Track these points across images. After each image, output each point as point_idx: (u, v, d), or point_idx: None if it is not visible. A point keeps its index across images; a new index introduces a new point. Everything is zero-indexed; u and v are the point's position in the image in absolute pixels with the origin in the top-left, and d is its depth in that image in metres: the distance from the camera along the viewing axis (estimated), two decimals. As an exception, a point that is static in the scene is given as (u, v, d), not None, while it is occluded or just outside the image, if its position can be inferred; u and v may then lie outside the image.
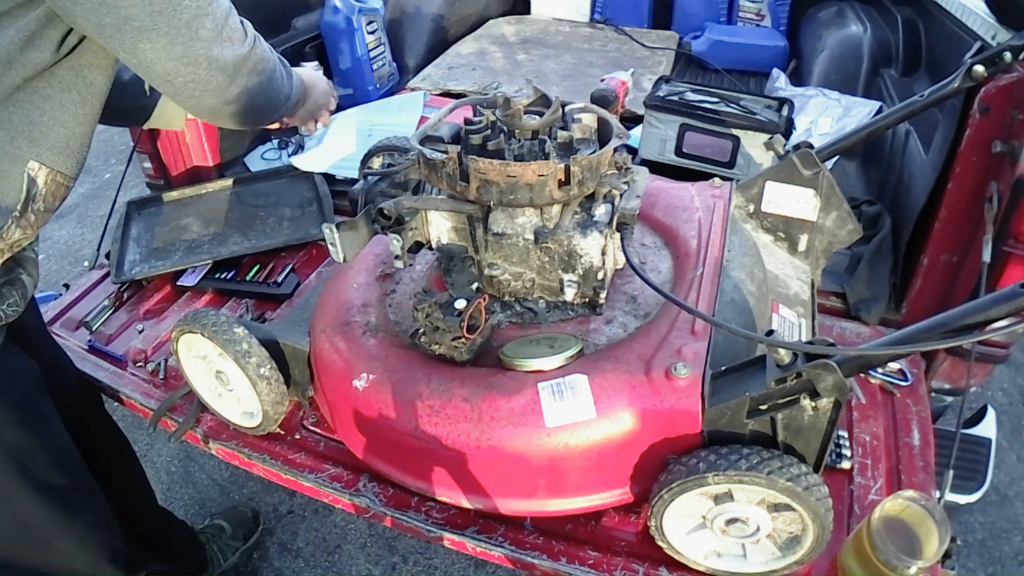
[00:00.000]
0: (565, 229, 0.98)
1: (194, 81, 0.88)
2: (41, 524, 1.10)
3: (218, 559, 1.56)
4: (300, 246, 1.65)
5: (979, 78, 1.18)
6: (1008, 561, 1.65)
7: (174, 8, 0.82)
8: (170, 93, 0.91)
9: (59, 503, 1.10)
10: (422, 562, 1.65)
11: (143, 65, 0.86)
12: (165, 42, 0.83)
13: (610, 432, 0.92)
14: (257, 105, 0.99)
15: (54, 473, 1.10)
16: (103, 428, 1.37)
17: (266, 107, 1.02)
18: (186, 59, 0.86)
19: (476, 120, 1.01)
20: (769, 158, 1.43)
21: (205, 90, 0.90)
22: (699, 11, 2.90)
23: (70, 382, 1.30)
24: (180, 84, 0.88)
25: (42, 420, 1.09)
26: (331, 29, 2.21)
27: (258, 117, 1.03)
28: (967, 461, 1.34)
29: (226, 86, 0.91)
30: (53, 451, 1.10)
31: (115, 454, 1.39)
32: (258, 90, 0.97)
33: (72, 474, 1.14)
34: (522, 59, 2.60)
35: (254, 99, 0.97)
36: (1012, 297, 0.72)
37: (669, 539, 0.96)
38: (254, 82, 0.95)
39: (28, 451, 1.05)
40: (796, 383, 0.83)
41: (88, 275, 1.63)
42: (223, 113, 0.96)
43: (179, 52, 0.85)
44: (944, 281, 1.36)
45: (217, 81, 0.90)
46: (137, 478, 1.44)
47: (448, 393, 0.96)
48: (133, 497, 1.40)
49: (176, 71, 0.86)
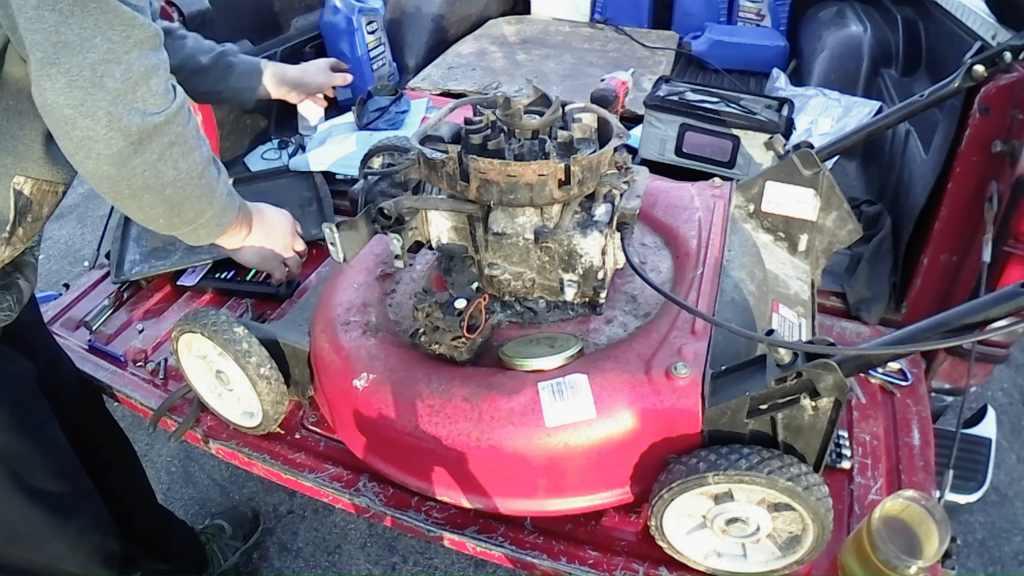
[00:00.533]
0: (565, 229, 0.98)
1: (91, 139, 0.76)
2: (32, 528, 1.09)
3: (218, 559, 1.56)
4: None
5: (979, 78, 1.18)
6: (1008, 561, 1.65)
7: (82, 44, 0.72)
8: (68, 150, 0.78)
9: (50, 507, 1.10)
10: (422, 562, 1.65)
11: (45, 107, 0.75)
12: (64, 82, 0.72)
13: (610, 432, 0.92)
14: (168, 196, 0.84)
15: (46, 477, 1.09)
16: (103, 428, 1.37)
17: (181, 203, 0.87)
18: (84, 109, 0.74)
19: (476, 120, 1.01)
20: (769, 158, 1.43)
21: (103, 153, 0.77)
22: (699, 11, 2.90)
23: (70, 382, 1.30)
24: (77, 138, 0.76)
25: (36, 424, 1.08)
26: (331, 29, 2.21)
27: (171, 213, 0.87)
28: (967, 461, 1.34)
29: (128, 155, 0.78)
30: (47, 455, 1.09)
31: (115, 454, 1.39)
32: (172, 177, 0.83)
33: (66, 478, 1.13)
34: (522, 59, 2.60)
35: (164, 186, 0.83)
36: (1012, 297, 0.72)
37: (669, 539, 0.96)
38: (167, 164, 0.82)
39: (20, 456, 1.05)
40: (796, 383, 0.83)
41: (88, 275, 1.63)
42: (122, 190, 0.81)
43: (78, 98, 0.73)
44: (944, 281, 1.36)
45: (117, 145, 0.77)
46: (137, 478, 1.45)
47: (448, 393, 0.96)
48: (133, 497, 1.40)
49: (73, 121, 0.74)
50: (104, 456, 1.31)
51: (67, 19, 0.71)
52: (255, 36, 2.04)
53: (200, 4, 1.72)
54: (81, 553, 1.15)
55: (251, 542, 1.65)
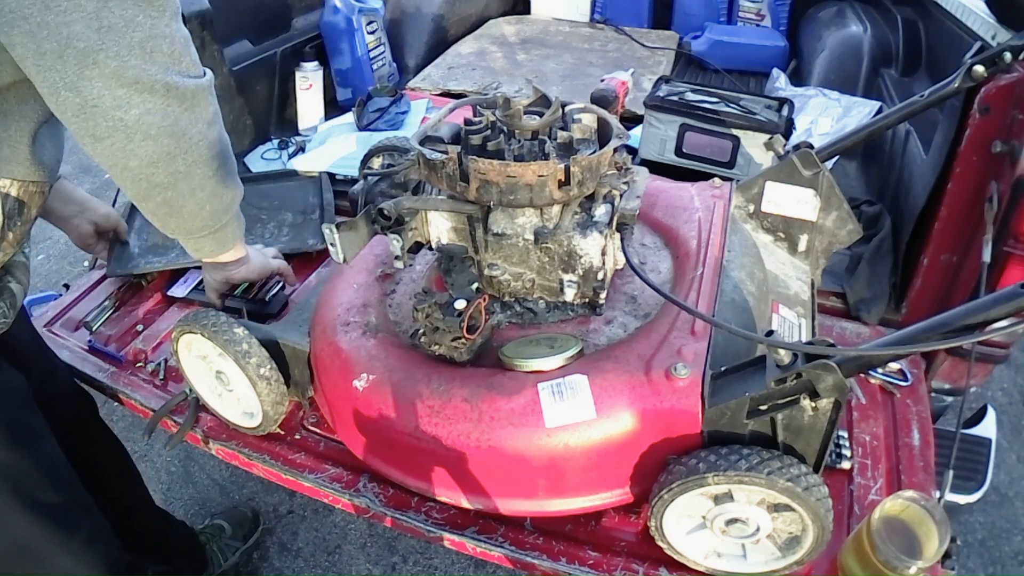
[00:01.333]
0: (565, 229, 0.98)
1: (150, 112, 0.76)
2: (39, 544, 1.08)
3: (218, 559, 1.56)
4: (293, 255, 1.54)
5: (979, 78, 1.18)
6: (1008, 561, 1.65)
7: (126, 25, 0.72)
8: (118, 143, 0.77)
9: (55, 522, 1.09)
10: (422, 562, 1.65)
11: (87, 106, 0.74)
12: (115, 66, 0.72)
13: (610, 432, 0.92)
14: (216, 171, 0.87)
15: (48, 491, 1.08)
16: (99, 436, 1.36)
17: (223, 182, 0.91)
18: (140, 85, 0.74)
19: (476, 120, 1.00)
20: (769, 158, 1.43)
21: (162, 125, 0.78)
22: (699, 11, 2.90)
23: (64, 392, 1.28)
24: (133, 120, 0.76)
25: (34, 438, 1.07)
26: (331, 29, 2.21)
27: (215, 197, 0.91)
28: (967, 461, 1.34)
29: (186, 123, 0.80)
30: (46, 469, 1.08)
31: (111, 462, 1.38)
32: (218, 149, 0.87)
33: (67, 491, 1.12)
34: (522, 59, 2.60)
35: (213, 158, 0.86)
36: (1012, 297, 0.72)
37: (669, 539, 0.96)
38: (214, 132, 0.85)
39: (21, 471, 1.03)
40: (796, 383, 0.83)
41: (88, 275, 1.63)
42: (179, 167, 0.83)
43: (132, 77, 0.74)
44: (944, 281, 1.36)
45: (175, 113, 0.78)
46: (134, 484, 1.44)
47: (448, 393, 0.96)
48: (130, 501, 1.39)
49: (128, 101, 0.75)
50: (100, 463, 1.30)
51: (106, 3, 0.71)
52: (255, 36, 2.04)
53: (200, 4, 1.72)
54: (88, 565, 1.14)
55: (251, 542, 1.65)
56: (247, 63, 1.97)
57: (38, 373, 1.15)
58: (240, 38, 1.98)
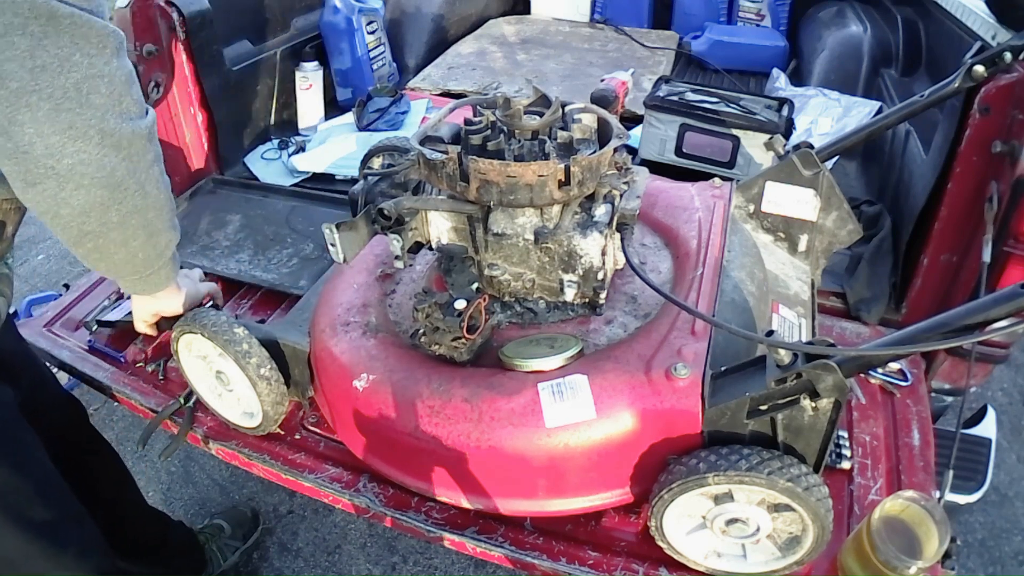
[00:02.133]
0: (565, 229, 0.98)
1: (83, 163, 0.72)
2: (30, 561, 1.06)
3: (217, 559, 1.55)
4: (281, 292, 1.51)
5: (979, 78, 1.18)
6: (1008, 561, 1.65)
7: (61, 64, 0.67)
8: (49, 191, 0.72)
9: (45, 537, 1.07)
10: (422, 562, 1.65)
11: (18, 151, 0.69)
12: (48, 108, 0.68)
13: (610, 432, 0.92)
14: (150, 221, 0.83)
15: (38, 507, 1.06)
16: (90, 443, 1.35)
17: (159, 230, 0.86)
18: (74, 131, 0.70)
19: (476, 120, 1.01)
20: (769, 158, 1.43)
21: (96, 176, 0.73)
22: (699, 11, 2.90)
23: (55, 399, 1.27)
24: (66, 169, 0.71)
25: (24, 453, 1.05)
26: (331, 29, 2.21)
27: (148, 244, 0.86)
28: (967, 461, 1.34)
29: (122, 174, 0.75)
30: (35, 484, 1.06)
31: (104, 468, 1.37)
32: (154, 198, 0.82)
33: (57, 504, 1.10)
34: (522, 59, 2.60)
35: (148, 208, 0.81)
36: (1012, 297, 0.72)
37: (669, 539, 0.96)
38: (151, 183, 0.80)
39: (11, 488, 1.01)
40: (796, 383, 0.83)
41: (88, 275, 1.63)
42: (111, 217, 0.78)
43: (66, 121, 0.69)
44: (944, 281, 1.37)
45: (111, 163, 0.74)
46: (128, 488, 1.42)
47: (448, 393, 0.96)
48: (125, 508, 1.38)
49: (62, 148, 0.70)
50: (92, 470, 1.28)
51: (40, 41, 0.67)
52: (255, 36, 2.04)
53: (200, 4, 1.72)
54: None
55: (251, 542, 1.65)
56: (247, 63, 1.97)
57: (28, 382, 1.14)
58: (240, 38, 1.98)
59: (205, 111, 1.83)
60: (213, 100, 1.83)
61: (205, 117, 1.84)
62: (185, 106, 1.78)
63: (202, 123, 1.84)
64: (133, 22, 1.62)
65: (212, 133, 1.88)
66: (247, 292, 1.56)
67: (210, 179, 1.87)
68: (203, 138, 1.86)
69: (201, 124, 1.84)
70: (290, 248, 1.64)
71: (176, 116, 1.78)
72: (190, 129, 1.82)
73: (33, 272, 2.68)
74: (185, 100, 1.78)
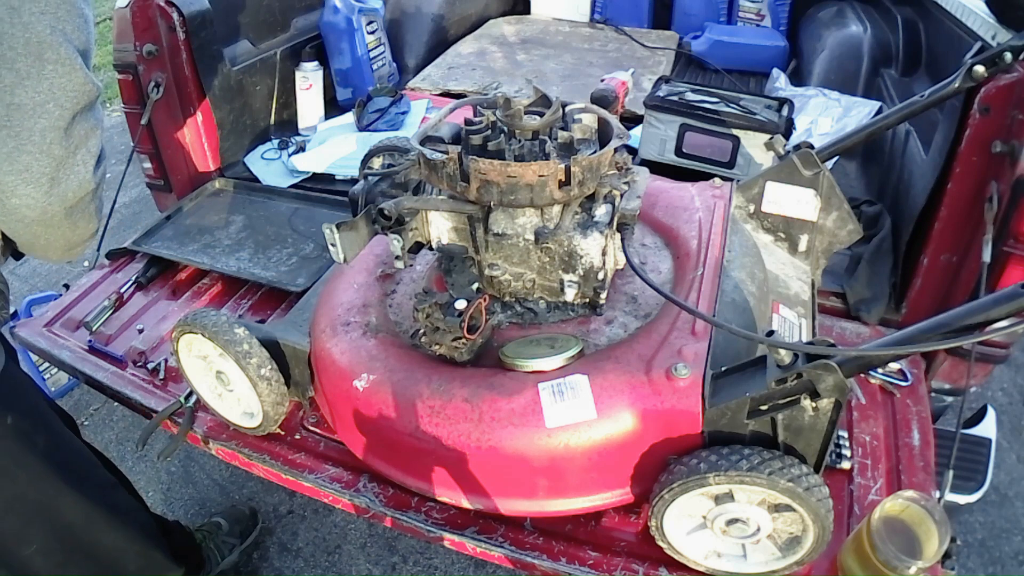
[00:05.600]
0: (565, 229, 0.98)
1: (28, 207, 0.75)
2: (87, 525, 1.09)
3: (215, 557, 1.55)
4: (281, 292, 1.52)
5: (979, 78, 1.18)
6: (1008, 561, 1.65)
7: (35, 109, 0.70)
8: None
9: (100, 499, 1.11)
10: (422, 562, 1.65)
11: None
12: (13, 146, 0.71)
13: (610, 432, 0.92)
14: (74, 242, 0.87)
15: (91, 470, 1.10)
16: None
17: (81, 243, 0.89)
18: (28, 175, 0.73)
19: (476, 120, 1.01)
20: (769, 158, 1.43)
21: (36, 220, 0.77)
22: (699, 11, 2.90)
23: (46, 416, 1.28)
24: (12, 206, 0.75)
25: (61, 425, 1.08)
26: (331, 29, 2.21)
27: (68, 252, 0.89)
28: (967, 461, 1.34)
29: (59, 220, 0.79)
30: (82, 450, 1.10)
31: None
32: (83, 230, 0.86)
33: (111, 470, 1.15)
34: (522, 59, 2.59)
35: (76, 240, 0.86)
36: (1012, 297, 0.72)
37: (669, 539, 0.96)
38: (85, 220, 0.84)
39: (65, 452, 1.04)
40: (796, 383, 0.83)
41: (88, 275, 1.63)
42: (38, 243, 0.83)
43: (23, 163, 0.72)
44: (944, 281, 1.37)
45: (52, 212, 0.77)
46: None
47: (448, 393, 0.96)
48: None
49: (12, 189, 0.73)
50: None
51: (23, 80, 0.69)
52: (255, 36, 2.04)
53: (200, 4, 1.72)
54: (136, 541, 1.18)
55: (250, 540, 1.65)
56: (247, 63, 1.97)
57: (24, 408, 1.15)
58: (240, 38, 1.98)
59: (205, 111, 1.83)
60: (213, 100, 1.83)
61: (205, 117, 1.84)
62: (185, 106, 1.78)
63: (202, 123, 1.84)
64: (133, 22, 1.62)
65: (212, 133, 1.88)
66: (247, 292, 1.57)
67: (215, 181, 1.88)
68: (203, 138, 1.86)
69: (201, 124, 1.84)
70: (290, 248, 1.66)
71: (176, 116, 1.78)
72: (190, 129, 1.82)
73: (33, 272, 2.68)
74: (185, 100, 1.78)
